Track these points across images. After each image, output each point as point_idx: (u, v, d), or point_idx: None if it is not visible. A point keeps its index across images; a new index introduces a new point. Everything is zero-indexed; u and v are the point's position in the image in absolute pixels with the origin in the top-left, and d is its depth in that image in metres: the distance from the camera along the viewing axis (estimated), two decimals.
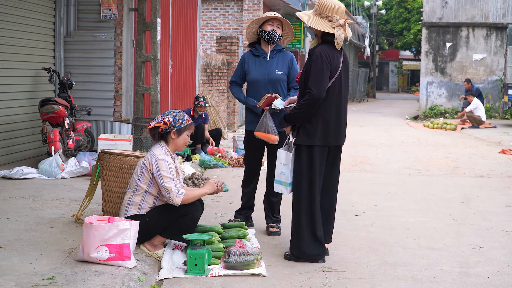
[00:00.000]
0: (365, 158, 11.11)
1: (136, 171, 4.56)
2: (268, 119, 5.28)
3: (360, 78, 39.37)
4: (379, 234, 5.64)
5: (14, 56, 8.38)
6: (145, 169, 4.49)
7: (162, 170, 4.42)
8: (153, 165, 4.44)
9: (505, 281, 4.40)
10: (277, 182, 4.94)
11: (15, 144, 8.45)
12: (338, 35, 4.60)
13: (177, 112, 4.60)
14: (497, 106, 21.59)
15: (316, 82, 4.55)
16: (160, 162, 4.44)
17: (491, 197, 7.57)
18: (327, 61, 4.57)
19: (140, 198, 4.52)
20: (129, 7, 9.34)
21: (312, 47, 4.72)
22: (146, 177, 4.49)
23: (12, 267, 4.02)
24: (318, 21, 4.65)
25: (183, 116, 4.58)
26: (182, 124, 4.55)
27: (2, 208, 5.68)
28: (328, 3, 4.65)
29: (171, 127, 4.52)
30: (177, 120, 4.53)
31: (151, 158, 4.47)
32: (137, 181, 4.52)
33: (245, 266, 4.37)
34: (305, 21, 4.70)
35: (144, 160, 4.51)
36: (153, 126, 4.53)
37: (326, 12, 4.63)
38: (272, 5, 21.15)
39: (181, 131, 4.56)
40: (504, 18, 22.16)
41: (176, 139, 4.57)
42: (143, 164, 4.50)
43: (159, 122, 4.51)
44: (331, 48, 4.65)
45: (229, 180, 8.16)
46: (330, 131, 4.68)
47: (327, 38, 4.66)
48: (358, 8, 43.25)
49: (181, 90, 11.78)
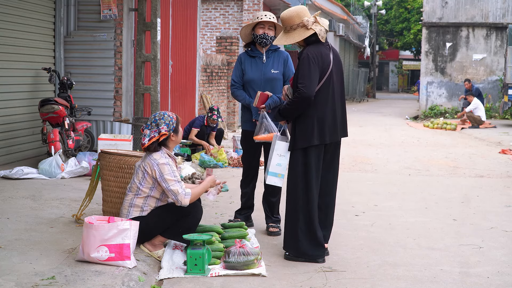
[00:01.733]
0: (365, 158, 11.11)
1: (137, 175, 4.54)
2: (266, 118, 5.29)
3: (360, 78, 39.37)
4: (379, 234, 5.64)
5: (14, 56, 8.38)
6: (146, 174, 4.47)
7: (165, 174, 4.42)
8: (156, 170, 4.43)
9: (505, 281, 4.40)
10: (272, 174, 4.95)
11: (15, 144, 8.45)
12: (319, 30, 4.69)
13: (161, 116, 4.54)
14: (497, 106, 21.59)
15: (305, 81, 4.60)
16: (162, 166, 4.43)
17: (491, 197, 7.57)
18: (314, 61, 4.63)
19: (142, 201, 4.51)
20: (129, 7, 9.34)
21: (300, 51, 4.79)
22: (148, 182, 4.49)
23: (12, 267, 4.02)
24: (295, 34, 4.73)
25: (169, 116, 4.56)
26: (174, 123, 4.57)
27: (2, 208, 5.68)
28: (290, 13, 4.74)
29: (169, 132, 4.54)
30: (169, 124, 4.53)
31: (152, 164, 4.45)
32: (138, 185, 4.51)
33: (245, 266, 4.37)
34: (285, 43, 4.79)
35: (145, 165, 4.48)
36: (150, 142, 4.48)
37: (295, 22, 4.72)
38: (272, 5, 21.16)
39: (176, 129, 4.59)
40: (504, 18, 22.16)
41: (176, 138, 4.61)
42: (144, 170, 4.49)
43: (154, 137, 4.48)
44: (318, 47, 4.71)
45: (229, 180, 8.14)
46: (325, 129, 4.69)
47: (311, 39, 4.73)
48: (358, 8, 43.26)
49: (181, 90, 11.78)
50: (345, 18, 34.10)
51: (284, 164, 4.91)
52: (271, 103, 5.36)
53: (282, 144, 4.91)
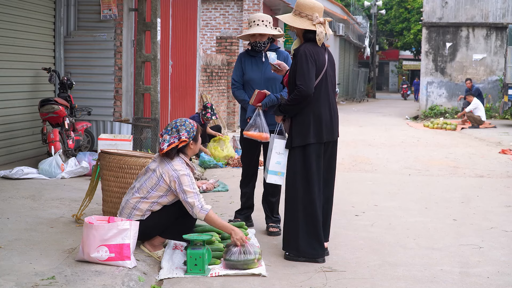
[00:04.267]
0: (365, 158, 11.11)
1: (150, 179, 4.45)
2: (260, 116, 5.30)
3: (360, 78, 39.36)
4: (379, 234, 5.64)
5: (14, 56, 8.38)
6: (162, 181, 4.41)
7: (185, 186, 4.37)
8: (176, 181, 4.37)
9: (505, 281, 4.40)
10: (272, 173, 4.96)
11: (15, 144, 8.45)
12: (320, 32, 4.70)
13: (182, 123, 4.51)
14: (497, 106, 21.59)
15: (304, 78, 4.61)
16: (183, 177, 4.38)
17: (491, 197, 7.57)
18: (311, 58, 4.65)
19: (147, 206, 4.46)
20: (129, 7, 9.34)
21: (295, 47, 4.80)
22: (162, 189, 4.43)
23: (12, 267, 4.02)
24: (298, 20, 4.75)
25: (190, 123, 4.53)
26: (194, 131, 4.53)
27: (2, 208, 5.68)
28: (306, 2, 4.76)
29: (189, 140, 4.51)
30: (189, 131, 4.49)
31: (173, 174, 4.38)
32: (149, 190, 4.44)
33: (245, 265, 4.37)
34: (286, 22, 4.80)
35: (163, 173, 4.41)
36: (169, 148, 4.42)
37: (305, 11, 4.73)
38: (272, 5, 21.15)
39: (196, 138, 4.56)
40: (504, 18, 22.16)
41: (195, 146, 4.58)
42: (161, 177, 4.42)
43: (174, 142, 4.42)
44: (314, 45, 4.73)
45: (229, 180, 8.17)
46: (323, 128, 4.70)
47: (309, 36, 4.75)
48: (358, 8, 43.25)
49: (181, 90, 11.78)
50: (345, 18, 34.09)
51: (283, 162, 4.92)
52: (267, 102, 5.38)
53: (280, 142, 4.93)
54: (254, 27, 5.51)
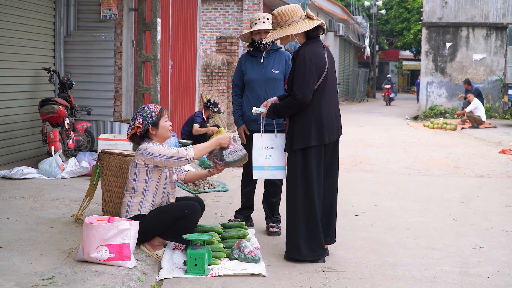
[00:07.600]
0: (365, 158, 11.11)
1: (130, 172, 4.56)
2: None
3: (360, 78, 39.35)
4: (379, 234, 5.64)
5: (14, 56, 8.38)
6: (139, 166, 4.48)
7: (157, 152, 4.42)
8: (147, 155, 4.43)
9: (505, 281, 4.40)
10: (257, 168, 4.99)
11: (15, 144, 8.45)
12: (322, 22, 4.67)
13: (141, 109, 4.59)
14: (497, 106, 21.59)
15: (301, 85, 4.58)
16: (151, 148, 4.44)
17: (491, 197, 7.57)
18: (311, 62, 4.59)
19: (140, 199, 4.51)
20: (129, 7, 9.34)
21: (295, 51, 4.75)
22: (143, 172, 4.49)
23: (12, 267, 4.02)
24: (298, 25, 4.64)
25: (148, 109, 4.57)
26: (153, 116, 4.55)
27: (2, 208, 5.68)
28: (284, 9, 4.68)
29: (146, 126, 4.53)
30: (146, 117, 4.53)
31: (142, 152, 4.47)
32: (133, 182, 4.51)
33: (239, 162, 4.66)
34: (287, 33, 4.65)
35: (135, 159, 4.51)
36: (130, 134, 4.57)
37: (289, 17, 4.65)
38: (272, 5, 21.14)
39: (156, 123, 4.56)
40: (504, 18, 22.16)
41: (157, 131, 4.57)
42: (135, 164, 4.50)
43: (134, 128, 4.53)
44: (314, 46, 4.67)
45: (229, 180, 8.17)
46: (324, 130, 4.67)
47: (312, 34, 4.69)
48: (358, 8, 43.25)
49: (181, 90, 11.78)
50: (345, 18, 34.10)
51: (276, 156, 4.93)
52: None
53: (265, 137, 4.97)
54: (259, 24, 5.50)
